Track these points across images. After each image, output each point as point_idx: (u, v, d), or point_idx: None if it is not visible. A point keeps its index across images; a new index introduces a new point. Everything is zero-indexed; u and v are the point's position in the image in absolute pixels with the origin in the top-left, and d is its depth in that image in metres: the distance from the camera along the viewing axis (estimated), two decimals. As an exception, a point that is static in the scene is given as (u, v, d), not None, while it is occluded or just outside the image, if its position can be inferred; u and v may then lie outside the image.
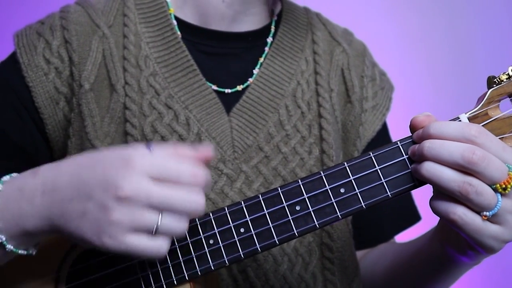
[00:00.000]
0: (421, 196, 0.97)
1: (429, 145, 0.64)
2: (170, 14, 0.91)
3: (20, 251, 0.68)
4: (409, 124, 0.69)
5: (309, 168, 0.89)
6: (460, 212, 0.63)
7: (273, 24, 0.96)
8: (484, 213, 0.63)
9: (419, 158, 0.66)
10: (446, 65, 1.89)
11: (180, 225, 0.63)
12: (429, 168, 0.64)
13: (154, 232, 0.61)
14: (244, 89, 0.91)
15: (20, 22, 0.92)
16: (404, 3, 1.91)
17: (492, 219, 0.64)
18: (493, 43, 1.87)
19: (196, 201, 0.63)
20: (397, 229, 1.02)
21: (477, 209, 0.63)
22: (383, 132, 1.01)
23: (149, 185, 0.61)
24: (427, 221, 1.01)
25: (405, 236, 1.01)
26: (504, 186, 0.63)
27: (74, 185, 0.63)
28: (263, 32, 0.95)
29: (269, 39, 0.95)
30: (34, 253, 0.70)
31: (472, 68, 1.85)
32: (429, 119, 0.68)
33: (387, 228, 1.00)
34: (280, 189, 0.69)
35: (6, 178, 0.70)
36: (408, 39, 1.89)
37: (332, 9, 1.13)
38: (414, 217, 1.03)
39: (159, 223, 0.61)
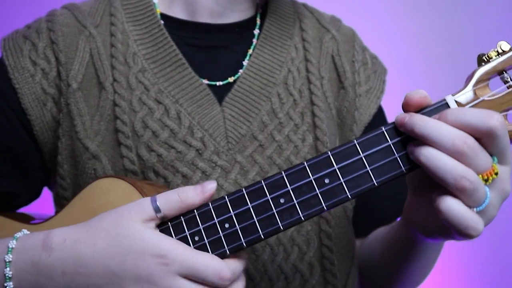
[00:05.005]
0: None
1: (421, 123, 0.61)
2: (157, 12, 0.91)
3: None
4: (402, 102, 0.65)
5: (303, 156, 0.88)
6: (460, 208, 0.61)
7: (258, 16, 0.96)
8: (474, 209, 0.61)
9: (407, 132, 0.63)
10: (440, 52, 1.86)
11: None
12: (428, 154, 0.61)
13: None
14: (235, 81, 0.90)
15: (12, 25, 0.93)
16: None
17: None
18: (489, 34, 1.83)
19: None
20: (397, 213, 0.98)
21: (468, 203, 0.61)
22: (380, 115, 0.99)
23: (182, 284, 0.64)
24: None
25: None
26: (486, 177, 0.61)
27: (101, 274, 0.65)
28: (249, 23, 0.95)
29: (256, 31, 0.95)
30: None
31: (467, 56, 1.82)
32: (426, 101, 0.64)
33: (388, 211, 0.98)
34: (264, 182, 0.67)
35: (14, 243, 0.69)
36: (403, 33, 1.87)
37: (328, 5, 1.12)
38: None
39: None
